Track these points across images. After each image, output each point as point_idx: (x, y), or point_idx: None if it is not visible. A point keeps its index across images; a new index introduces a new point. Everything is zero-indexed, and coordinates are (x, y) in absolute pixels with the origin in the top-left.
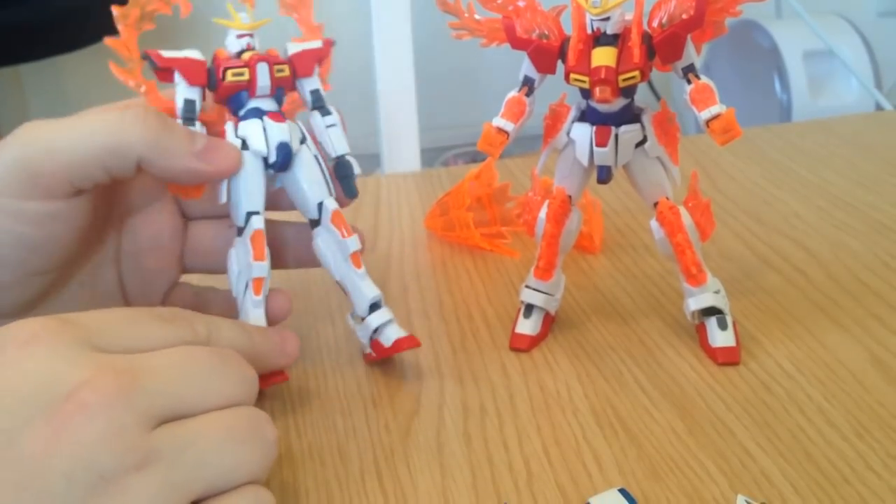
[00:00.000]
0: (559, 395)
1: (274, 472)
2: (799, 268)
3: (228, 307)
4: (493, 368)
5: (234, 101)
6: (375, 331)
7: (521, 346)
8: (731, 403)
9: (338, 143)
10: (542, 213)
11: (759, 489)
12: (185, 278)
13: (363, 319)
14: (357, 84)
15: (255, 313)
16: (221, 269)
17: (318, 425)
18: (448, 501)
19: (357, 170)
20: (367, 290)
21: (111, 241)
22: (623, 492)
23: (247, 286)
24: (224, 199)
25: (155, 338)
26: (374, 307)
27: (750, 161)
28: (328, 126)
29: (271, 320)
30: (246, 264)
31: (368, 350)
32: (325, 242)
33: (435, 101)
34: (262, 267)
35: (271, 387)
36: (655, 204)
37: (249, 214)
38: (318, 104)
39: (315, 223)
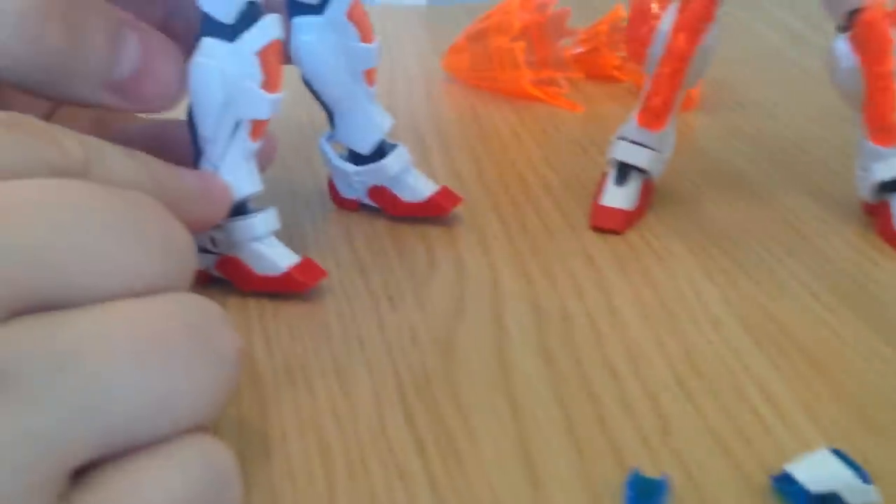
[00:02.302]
0: (684, 297)
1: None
2: None
3: (158, 152)
4: (572, 256)
5: None
6: (389, 178)
7: (612, 224)
8: None
9: None
10: (668, 20)
11: None
12: None
13: (359, 159)
14: None
15: (245, 167)
16: None
17: (301, 334)
18: (533, 465)
19: None
20: (379, 117)
21: None
22: (837, 453)
23: (237, 126)
24: None
25: None
26: (380, 147)
27: None
28: None
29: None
30: (243, 92)
31: (356, 195)
32: (326, 44)
33: None
34: (277, 101)
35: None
36: (851, 14)
37: (251, 5)
38: None
39: (303, 8)
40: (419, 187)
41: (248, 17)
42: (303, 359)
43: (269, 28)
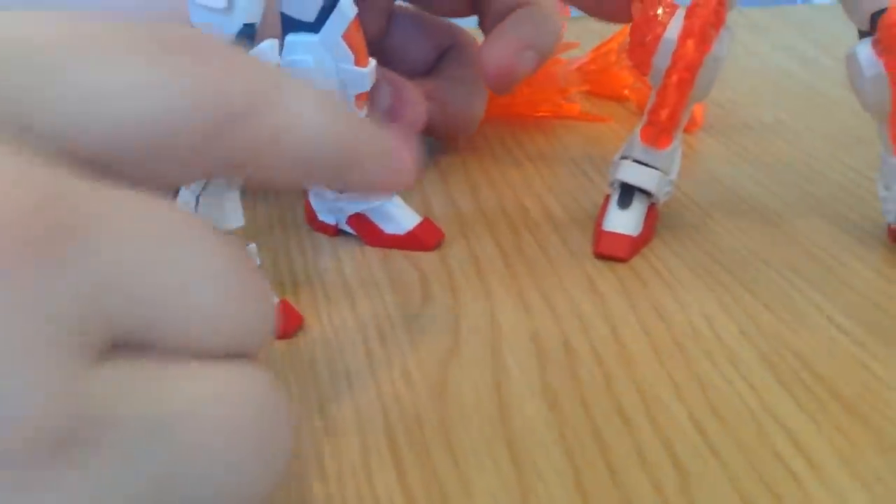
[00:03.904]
0: (697, 330)
1: None
2: None
3: None
4: (575, 284)
5: None
6: (370, 207)
7: (617, 251)
8: None
9: None
10: (674, 27)
11: None
12: None
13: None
14: None
15: None
16: None
17: (286, 371)
18: None
19: None
20: None
21: None
22: None
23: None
24: None
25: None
26: None
27: None
28: None
29: None
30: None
31: (334, 221)
32: (322, 65)
33: None
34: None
35: None
36: (873, 18)
37: None
38: None
39: (297, 26)
40: (400, 219)
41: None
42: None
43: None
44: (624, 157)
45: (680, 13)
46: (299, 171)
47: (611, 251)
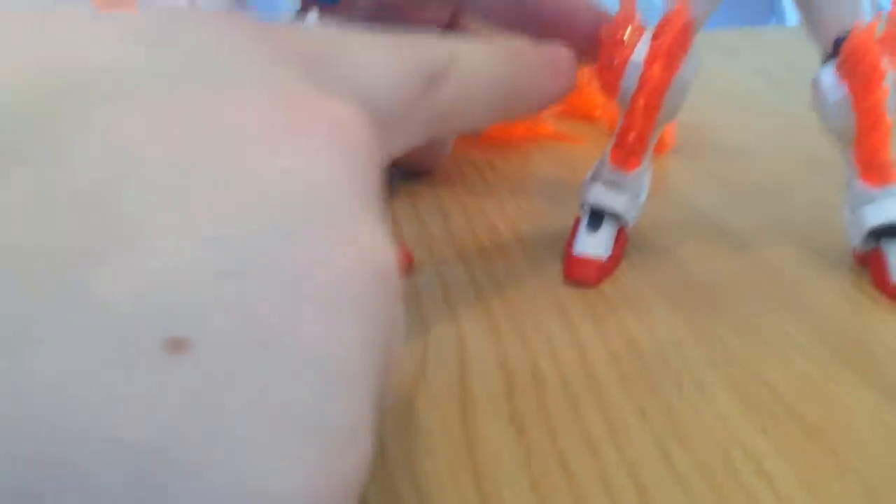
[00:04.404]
0: (664, 356)
1: None
2: None
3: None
4: (544, 309)
5: None
6: None
7: (586, 275)
8: None
9: None
10: (641, 51)
11: None
12: None
13: None
14: None
15: None
16: None
17: None
18: None
19: None
20: None
21: None
22: None
23: None
24: None
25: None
26: None
27: None
28: None
29: None
30: None
31: None
32: None
33: None
34: None
35: None
36: (836, 42)
37: None
38: None
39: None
40: None
41: None
42: None
43: None
44: (593, 179)
45: (647, 36)
46: (486, 110)
47: (579, 275)
